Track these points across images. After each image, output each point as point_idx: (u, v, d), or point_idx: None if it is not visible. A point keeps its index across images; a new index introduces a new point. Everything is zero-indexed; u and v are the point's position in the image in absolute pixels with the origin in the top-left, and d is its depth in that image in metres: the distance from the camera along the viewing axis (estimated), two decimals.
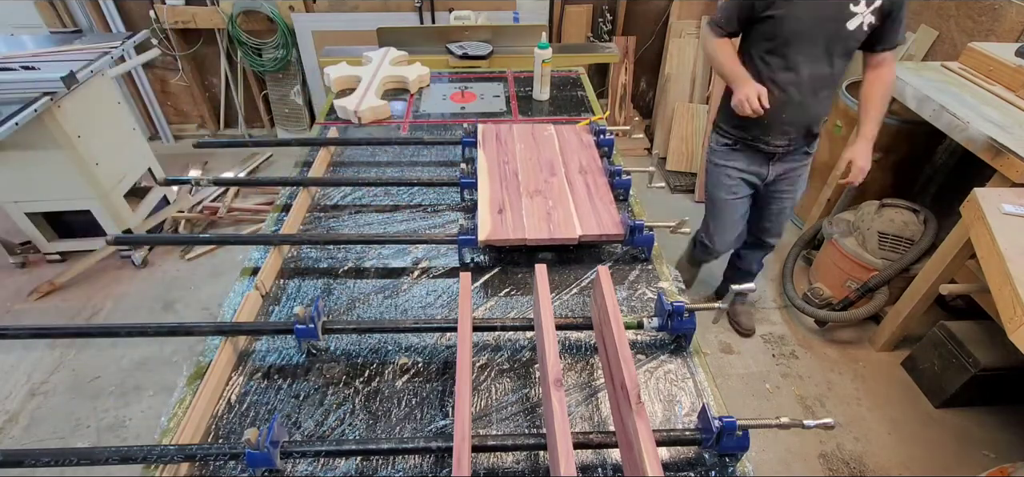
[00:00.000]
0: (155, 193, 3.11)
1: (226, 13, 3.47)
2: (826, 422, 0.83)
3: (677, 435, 0.84)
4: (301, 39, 3.61)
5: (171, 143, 4.07)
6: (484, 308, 1.13)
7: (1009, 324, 1.46)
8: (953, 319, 2.21)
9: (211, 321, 1.03)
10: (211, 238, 1.41)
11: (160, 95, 3.95)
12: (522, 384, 0.97)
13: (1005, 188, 1.79)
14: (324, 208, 1.44)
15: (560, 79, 2.22)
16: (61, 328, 1.03)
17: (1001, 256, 1.52)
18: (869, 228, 2.41)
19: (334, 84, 2.00)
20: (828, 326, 2.55)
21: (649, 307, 1.13)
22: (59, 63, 2.43)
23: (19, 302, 2.68)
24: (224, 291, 2.71)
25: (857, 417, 2.19)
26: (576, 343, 1.05)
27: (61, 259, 2.89)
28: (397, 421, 0.91)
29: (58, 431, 2.11)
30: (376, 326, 1.04)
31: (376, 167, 1.63)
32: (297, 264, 1.25)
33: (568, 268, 1.23)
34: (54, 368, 2.35)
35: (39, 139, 2.39)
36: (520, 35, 2.54)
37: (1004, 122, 1.95)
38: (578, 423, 0.91)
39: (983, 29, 2.49)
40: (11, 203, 2.62)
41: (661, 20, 3.76)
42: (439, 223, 1.38)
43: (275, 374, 0.99)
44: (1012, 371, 2.00)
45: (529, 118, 1.90)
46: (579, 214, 1.26)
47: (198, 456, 0.81)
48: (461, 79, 2.22)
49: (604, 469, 0.84)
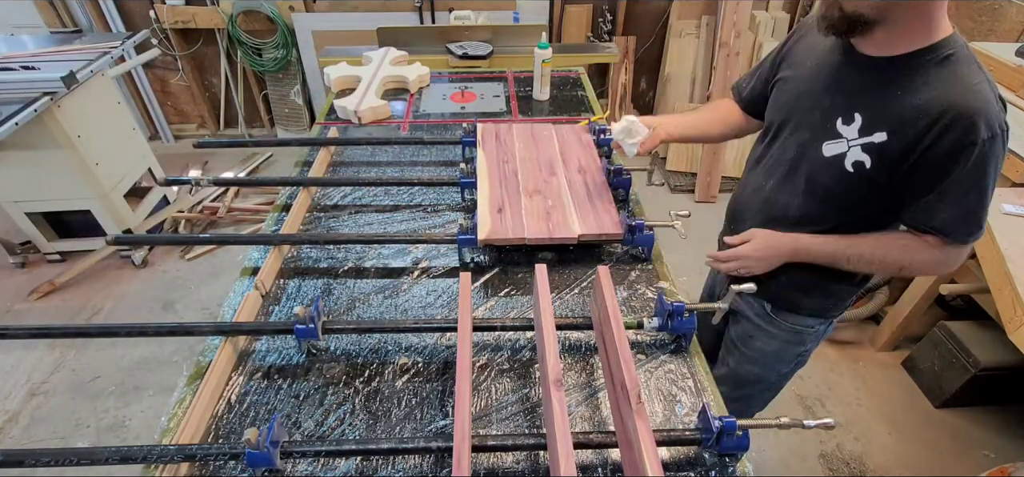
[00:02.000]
0: (155, 193, 3.11)
1: (226, 13, 3.47)
2: (826, 422, 0.82)
3: (677, 435, 0.84)
4: (301, 39, 3.61)
5: (171, 143, 4.07)
6: (484, 308, 1.13)
7: (1009, 324, 1.46)
8: (953, 319, 2.21)
9: (211, 321, 1.03)
10: (211, 238, 1.41)
11: (160, 95, 3.95)
12: (522, 384, 0.97)
13: (1005, 188, 1.79)
14: (324, 208, 1.44)
15: (560, 79, 2.22)
16: (61, 328, 1.03)
17: (1001, 256, 1.52)
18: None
19: (334, 84, 2.00)
20: None
21: (649, 307, 1.13)
22: (59, 63, 2.43)
23: (19, 302, 2.68)
24: (224, 291, 2.72)
25: (857, 417, 2.19)
26: (576, 343, 1.05)
27: (61, 259, 2.89)
28: (397, 421, 0.91)
29: (58, 431, 2.11)
30: (376, 326, 1.04)
31: (376, 167, 1.63)
32: (297, 264, 1.25)
33: (568, 268, 1.22)
34: (54, 368, 2.35)
35: (39, 139, 2.39)
36: (520, 35, 2.54)
37: None
38: (578, 423, 0.91)
39: (983, 29, 2.49)
40: (11, 203, 2.62)
41: (661, 20, 3.76)
42: (439, 223, 1.38)
43: (275, 374, 0.99)
44: (1012, 371, 2.00)
45: (529, 118, 1.90)
46: (579, 214, 1.26)
47: (198, 456, 0.81)
48: (461, 79, 2.22)
49: (604, 469, 0.84)
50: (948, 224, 0.92)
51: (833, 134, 0.98)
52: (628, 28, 3.79)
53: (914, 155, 0.89)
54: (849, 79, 0.97)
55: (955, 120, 0.83)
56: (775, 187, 1.12)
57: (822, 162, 1.01)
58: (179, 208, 3.20)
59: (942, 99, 0.85)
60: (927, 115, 0.86)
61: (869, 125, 0.93)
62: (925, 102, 0.86)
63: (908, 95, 0.88)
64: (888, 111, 0.90)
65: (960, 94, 0.84)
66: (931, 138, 0.86)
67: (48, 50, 2.62)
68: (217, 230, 3.22)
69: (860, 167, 0.95)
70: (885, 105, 0.91)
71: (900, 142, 0.89)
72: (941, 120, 0.85)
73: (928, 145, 0.87)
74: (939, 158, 0.87)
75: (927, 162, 0.88)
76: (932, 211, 0.93)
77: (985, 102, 0.83)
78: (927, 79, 0.87)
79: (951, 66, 0.86)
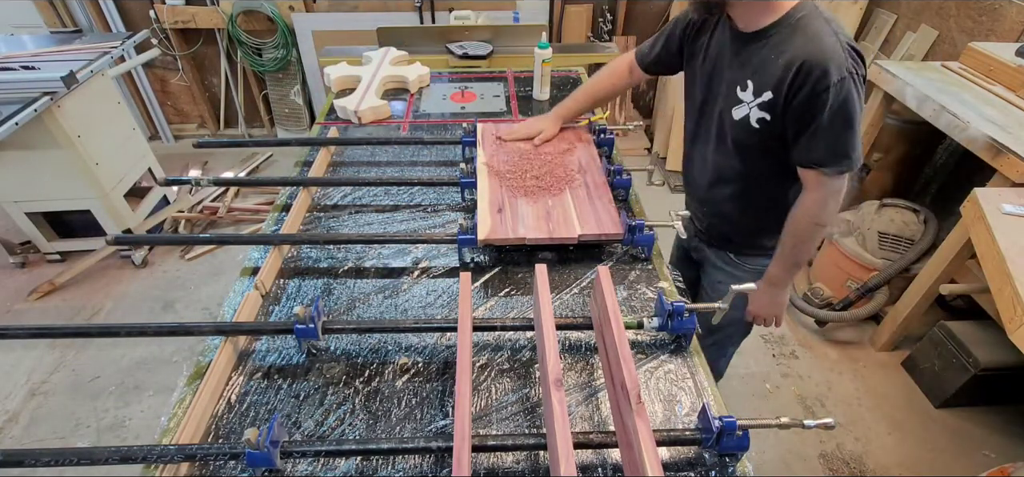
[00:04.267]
0: (155, 193, 3.11)
1: (226, 13, 3.47)
2: (826, 422, 0.82)
3: (677, 435, 0.84)
4: (301, 39, 3.61)
5: (171, 143, 4.07)
6: (484, 308, 1.13)
7: (1009, 324, 1.46)
8: (953, 319, 2.21)
9: (211, 321, 1.03)
10: (211, 238, 1.41)
11: (160, 95, 3.95)
12: (522, 384, 0.97)
13: (1005, 188, 1.79)
14: (324, 208, 1.44)
15: (560, 79, 2.22)
16: (61, 328, 1.03)
17: (1001, 256, 1.52)
18: (869, 228, 2.41)
19: (334, 84, 2.00)
20: (828, 326, 2.54)
21: (649, 307, 1.13)
22: (59, 63, 2.43)
23: (19, 302, 2.68)
24: (224, 291, 2.72)
25: (857, 417, 2.19)
26: (576, 343, 1.05)
27: (61, 259, 2.89)
28: (397, 421, 0.91)
29: (58, 431, 2.11)
30: (376, 326, 1.04)
31: (376, 167, 1.63)
32: (297, 264, 1.25)
33: (568, 268, 1.23)
34: (54, 368, 2.35)
35: (39, 139, 2.39)
36: (520, 35, 2.53)
37: (1004, 122, 1.95)
38: (578, 423, 0.91)
39: (983, 29, 2.49)
40: (11, 203, 2.62)
41: (661, 20, 3.76)
42: (439, 223, 1.38)
43: (275, 374, 0.99)
44: (1012, 371, 2.00)
45: (529, 118, 1.90)
46: (579, 213, 1.26)
47: (198, 456, 0.81)
48: (461, 79, 2.22)
49: (604, 469, 0.84)
50: (823, 157, 1.10)
51: (736, 100, 1.18)
52: (628, 28, 3.79)
53: (789, 105, 1.08)
54: (739, 54, 1.17)
55: (810, 69, 1.02)
56: (713, 153, 1.32)
57: (735, 124, 1.21)
58: (179, 208, 3.20)
59: (799, 54, 1.04)
60: (790, 69, 1.05)
61: (759, 88, 1.13)
62: (788, 60, 1.05)
63: (779, 58, 1.07)
64: (768, 74, 1.10)
65: (811, 49, 1.03)
66: (795, 88, 1.06)
67: (48, 50, 2.63)
68: (217, 230, 3.22)
69: (763, 122, 1.15)
70: (765, 70, 1.11)
71: (779, 96, 1.09)
72: (801, 72, 1.04)
73: (794, 93, 1.06)
74: (803, 103, 1.06)
75: (798, 107, 1.07)
76: (809, 148, 1.11)
77: (831, 50, 1.01)
78: (789, 41, 1.07)
79: (803, 26, 1.05)
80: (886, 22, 3.04)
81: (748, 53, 1.14)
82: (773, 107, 1.11)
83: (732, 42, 1.19)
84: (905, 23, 2.93)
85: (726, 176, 1.32)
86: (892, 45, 2.99)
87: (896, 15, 2.99)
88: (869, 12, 3.16)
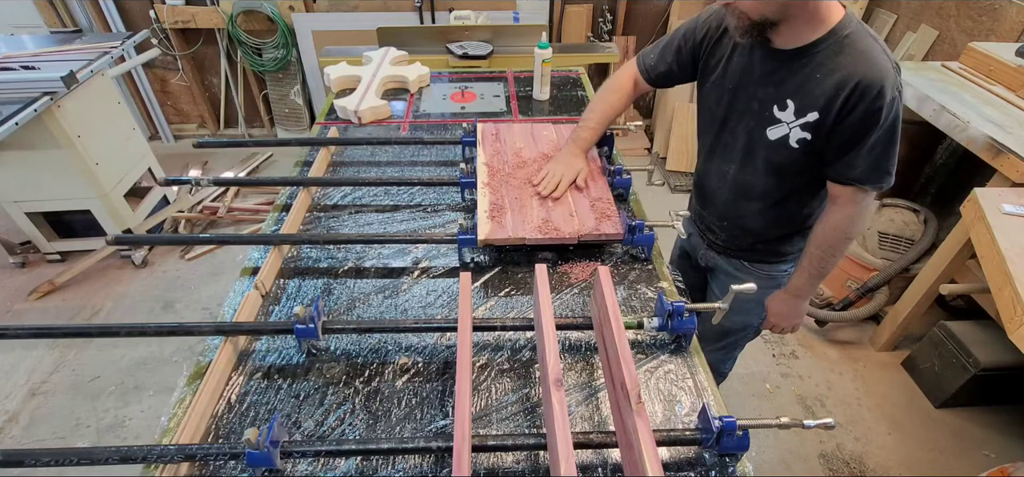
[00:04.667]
0: (155, 193, 3.11)
1: (226, 13, 3.47)
2: (826, 422, 0.82)
3: (677, 435, 0.84)
4: (301, 39, 3.61)
5: (171, 143, 4.07)
6: (484, 308, 1.13)
7: (1009, 324, 1.46)
8: (953, 319, 2.21)
9: (211, 321, 1.03)
10: (211, 238, 1.41)
11: (160, 95, 3.95)
12: (522, 384, 0.97)
13: (1005, 188, 1.79)
14: (324, 208, 1.44)
15: (560, 79, 2.22)
16: (61, 328, 1.03)
17: (1001, 256, 1.52)
18: (869, 228, 2.41)
19: (334, 84, 2.00)
20: (828, 326, 2.54)
21: (649, 307, 1.13)
22: (59, 63, 2.43)
23: (19, 302, 2.68)
24: (224, 291, 2.72)
25: (857, 417, 2.19)
26: (576, 343, 1.05)
27: (61, 259, 2.89)
28: (397, 421, 0.91)
29: (58, 431, 2.11)
30: (376, 326, 1.04)
31: (376, 167, 1.63)
32: (297, 264, 1.25)
33: (568, 268, 1.22)
34: (54, 368, 2.35)
35: (39, 139, 2.39)
36: (520, 35, 2.53)
37: (1004, 122, 1.95)
38: (578, 423, 0.91)
39: (983, 29, 2.49)
40: (11, 203, 2.62)
41: (661, 20, 3.76)
42: (439, 223, 1.38)
43: (275, 374, 0.99)
44: (1012, 371, 2.00)
45: (529, 118, 1.90)
46: (578, 214, 1.26)
47: (198, 456, 0.81)
48: (461, 79, 2.22)
49: (604, 469, 0.84)
50: (864, 174, 1.09)
51: (773, 120, 1.15)
52: (628, 28, 3.79)
53: (839, 124, 1.06)
54: (775, 72, 1.12)
55: (866, 90, 1.00)
56: (738, 170, 1.29)
57: (771, 144, 1.17)
58: (179, 208, 3.20)
59: (854, 73, 1.01)
60: (843, 89, 1.02)
61: (802, 108, 1.09)
62: (840, 80, 1.03)
63: (826, 77, 1.04)
64: (813, 94, 1.07)
65: (864, 68, 1.00)
66: (849, 108, 1.03)
67: (48, 50, 2.63)
68: (217, 230, 3.22)
69: (804, 143, 1.12)
70: (809, 90, 1.07)
71: (826, 117, 1.06)
72: (855, 92, 1.01)
73: (847, 113, 1.04)
74: (855, 123, 1.04)
75: (848, 128, 1.05)
76: (851, 165, 1.09)
77: (885, 69, 1.00)
78: (837, 59, 1.03)
79: (851, 43, 1.03)
80: (886, 22, 3.04)
81: (786, 71, 1.10)
82: (818, 128, 1.08)
83: (765, 60, 1.13)
84: (905, 23, 2.93)
85: (752, 194, 1.28)
86: (892, 45, 2.99)
87: (896, 15, 2.99)
88: (869, 12, 3.16)
